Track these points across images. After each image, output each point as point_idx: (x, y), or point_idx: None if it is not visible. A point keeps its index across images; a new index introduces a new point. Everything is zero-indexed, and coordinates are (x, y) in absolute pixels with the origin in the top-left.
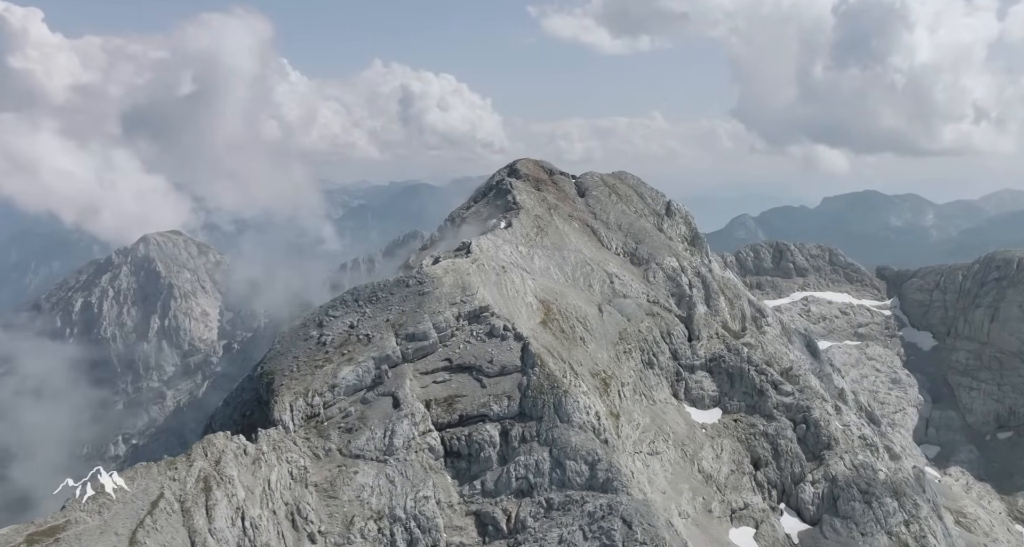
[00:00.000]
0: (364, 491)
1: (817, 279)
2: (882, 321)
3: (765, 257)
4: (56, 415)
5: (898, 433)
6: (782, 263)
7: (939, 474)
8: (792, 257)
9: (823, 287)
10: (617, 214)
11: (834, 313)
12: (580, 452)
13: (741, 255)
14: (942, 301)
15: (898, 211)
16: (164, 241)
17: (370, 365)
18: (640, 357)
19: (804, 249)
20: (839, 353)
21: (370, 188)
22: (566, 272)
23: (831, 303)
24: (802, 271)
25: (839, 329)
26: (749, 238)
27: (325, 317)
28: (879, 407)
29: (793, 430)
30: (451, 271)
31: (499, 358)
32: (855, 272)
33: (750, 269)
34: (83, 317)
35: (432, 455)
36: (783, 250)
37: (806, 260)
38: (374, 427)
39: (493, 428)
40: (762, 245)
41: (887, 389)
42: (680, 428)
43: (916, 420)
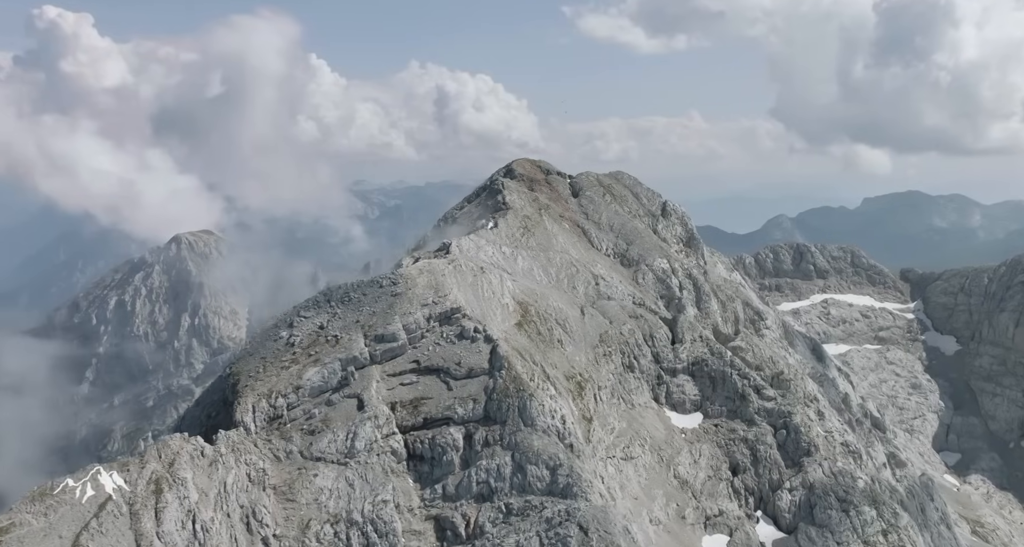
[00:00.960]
0: (322, 494)
1: (838, 281)
2: (904, 325)
3: (785, 258)
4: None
5: (916, 440)
6: (802, 265)
7: (958, 482)
8: (812, 258)
9: (844, 289)
10: (610, 215)
11: (854, 316)
12: (542, 456)
13: (760, 256)
14: (967, 304)
15: (943, 212)
16: (195, 240)
17: (336, 366)
18: (621, 360)
19: (825, 250)
20: (858, 357)
21: (406, 188)
22: (550, 273)
23: (852, 306)
24: (823, 273)
25: (859, 333)
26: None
27: (296, 318)
28: (897, 413)
29: (774, 436)
30: (426, 272)
31: (467, 360)
32: (878, 274)
33: (769, 271)
34: (117, 315)
35: (394, 458)
36: (803, 251)
37: (827, 262)
38: (336, 429)
39: (457, 431)
40: (782, 246)
41: (907, 394)
42: (658, 432)
43: (936, 426)
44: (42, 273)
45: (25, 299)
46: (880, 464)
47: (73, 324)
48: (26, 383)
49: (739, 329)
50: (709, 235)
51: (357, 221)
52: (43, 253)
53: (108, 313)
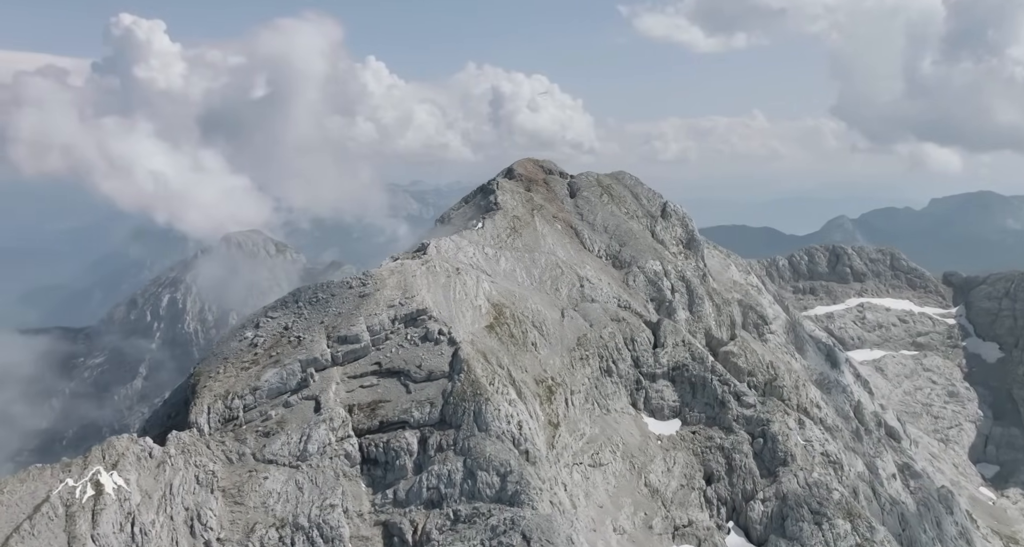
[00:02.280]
0: (271, 498)
1: (876, 285)
2: (944, 330)
3: (820, 261)
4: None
5: (952, 450)
6: (838, 267)
7: (995, 495)
8: (849, 261)
9: (882, 293)
10: (605, 215)
11: (891, 321)
12: (493, 463)
13: (794, 259)
14: (1011, 310)
15: (1017, 213)
16: (244, 239)
17: (296, 368)
18: (598, 364)
19: (863, 253)
20: (892, 363)
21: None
22: (533, 275)
23: (889, 310)
24: (859, 276)
25: (895, 338)
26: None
27: (263, 318)
28: (932, 422)
29: (751, 444)
30: (396, 273)
31: (428, 363)
32: (918, 277)
33: (804, 274)
34: (169, 313)
35: (348, 462)
36: (839, 254)
37: (864, 264)
38: (291, 432)
39: (412, 435)
40: (817, 248)
41: (943, 403)
42: (633, 439)
43: (973, 437)
44: (114, 271)
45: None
46: (889, 475)
47: (130, 321)
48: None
49: (735, 333)
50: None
51: (403, 221)
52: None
53: (161, 310)
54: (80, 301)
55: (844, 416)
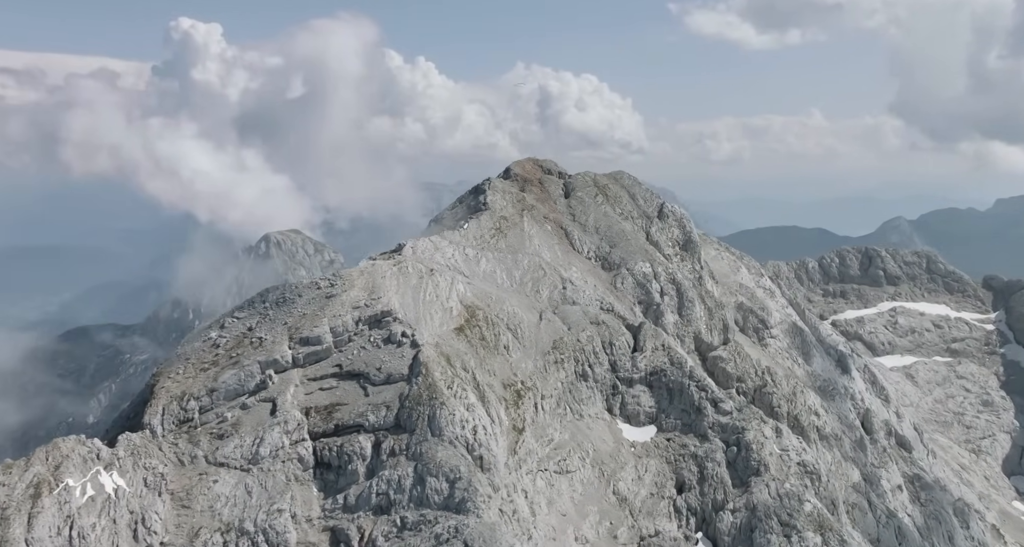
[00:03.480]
0: (218, 501)
1: (911, 288)
2: (982, 336)
3: (852, 263)
4: None
5: (983, 462)
6: (871, 270)
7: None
8: (882, 264)
9: (917, 297)
10: (598, 216)
11: (925, 326)
12: (443, 469)
13: (825, 261)
14: None
15: None
16: (283, 239)
17: (255, 369)
18: (574, 368)
19: (898, 255)
20: (924, 370)
21: None
22: (514, 276)
23: (923, 315)
24: (893, 279)
25: (928, 344)
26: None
27: (229, 319)
28: (963, 432)
29: (724, 452)
30: (365, 273)
31: (388, 365)
32: (956, 281)
33: (834, 276)
34: (208, 311)
35: (300, 466)
36: (872, 256)
37: (899, 267)
38: (245, 434)
39: (366, 439)
40: (848, 250)
41: (976, 412)
42: (605, 446)
43: (1008, 448)
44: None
45: (152, 295)
46: (893, 487)
47: (173, 319)
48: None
49: (728, 337)
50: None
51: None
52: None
53: (202, 308)
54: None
55: (848, 424)
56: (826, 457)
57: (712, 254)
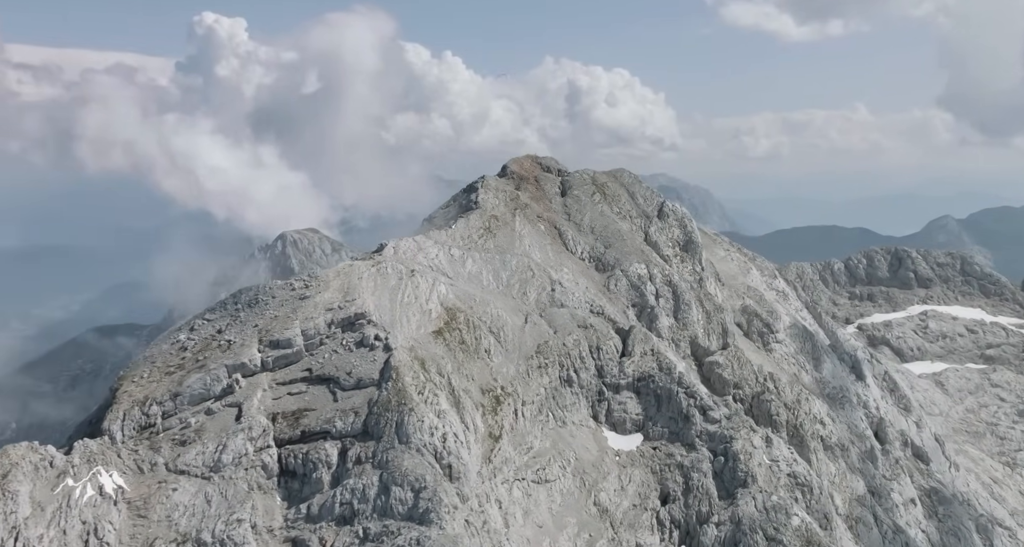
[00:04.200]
0: (177, 511)
1: (943, 291)
2: (1020, 342)
3: (880, 265)
4: None
5: (1018, 475)
6: (900, 272)
7: None
8: (913, 265)
9: (950, 300)
10: (594, 215)
11: (958, 331)
12: (408, 478)
13: (851, 263)
14: None
15: None
16: (300, 238)
17: (221, 373)
18: (558, 373)
19: (930, 256)
20: (955, 377)
21: None
22: (501, 277)
23: (955, 319)
24: (925, 281)
25: (961, 350)
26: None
27: (199, 320)
28: (997, 443)
29: (711, 462)
30: (342, 274)
31: (359, 370)
32: (993, 284)
33: (861, 278)
34: None
35: (264, 473)
36: (902, 257)
37: (931, 269)
38: (208, 441)
39: (332, 447)
40: (877, 250)
41: (1011, 422)
42: (588, 454)
43: None
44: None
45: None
46: (906, 501)
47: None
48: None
49: (727, 342)
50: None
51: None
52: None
53: None
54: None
55: (857, 434)
56: (829, 468)
57: (721, 255)
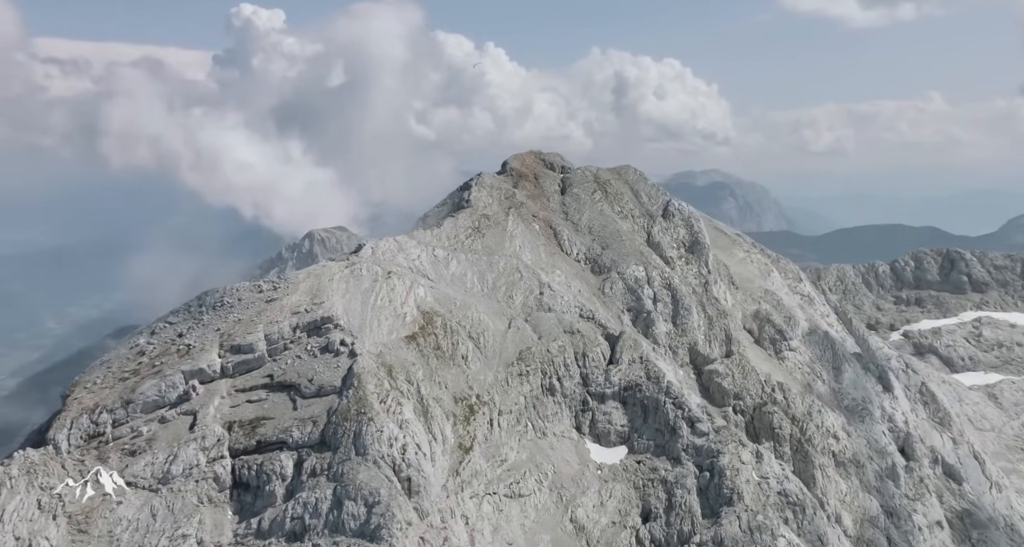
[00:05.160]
0: (119, 525)
1: (1001, 296)
2: None
3: (930, 267)
4: None
5: None
6: (952, 275)
7: None
8: (967, 268)
9: (1008, 306)
10: (593, 215)
11: (1016, 339)
12: (363, 491)
13: (898, 265)
14: None
15: None
16: (328, 236)
17: (177, 379)
18: (540, 381)
19: (986, 259)
20: (1010, 390)
21: None
22: (487, 280)
23: (1013, 327)
24: (980, 286)
25: (1019, 360)
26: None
27: (161, 323)
28: None
29: (696, 478)
30: (312, 275)
31: (321, 377)
32: None
33: (908, 281)
34: None
35: (216, 486)
36: (955, 259)
37: (987, 272)
38: (158, 451)
39: (288, 457)
40: (927, 252)
41: None
42: (568, 467)
43: None
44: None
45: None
46: (931, 523)
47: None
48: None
49: (730, 349)
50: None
51: None
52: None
53: None
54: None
55: (878, 450)
56: (839, 486)
57: (739, 257)
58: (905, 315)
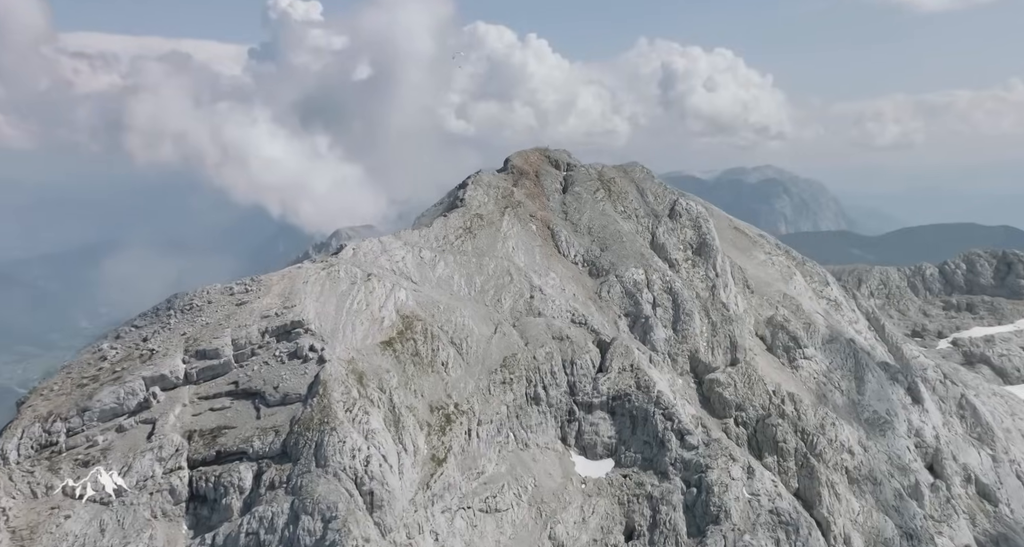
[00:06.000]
0: (65, 541)
1: None
2: None
3: (983, 270)
4: None
5: None
6: (1009, 279)
7: None
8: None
9: None
10: (594, 214)
11: None
12: (320, 506)
13: (947, 268)
14: None
15: None
16: (354, 235)
17: (137, 386)
18: (524, 389)
19: None
20: None
21: None
22: (475, 283)
23: None
24: None
25: None
26: None
27: (127, 327)
28: None
29: (683, 494)
30: (287, 278)
31: (287, 384)
32: None
33: (959, 285)
34: None
35: (171, 499)
36: (1012, 261)
37: None
38: (113, 462)
39: (247, 469)
40: (980, 254)
41: None
42: (550, 481)
43: None
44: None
45: None
46: (959, 546)
47: None
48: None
49: (736, 357)
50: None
51: None
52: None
53: None
54: None
55: (899, 466)
56: (850, 505)
57: (760, 259)
58: (955, 322)
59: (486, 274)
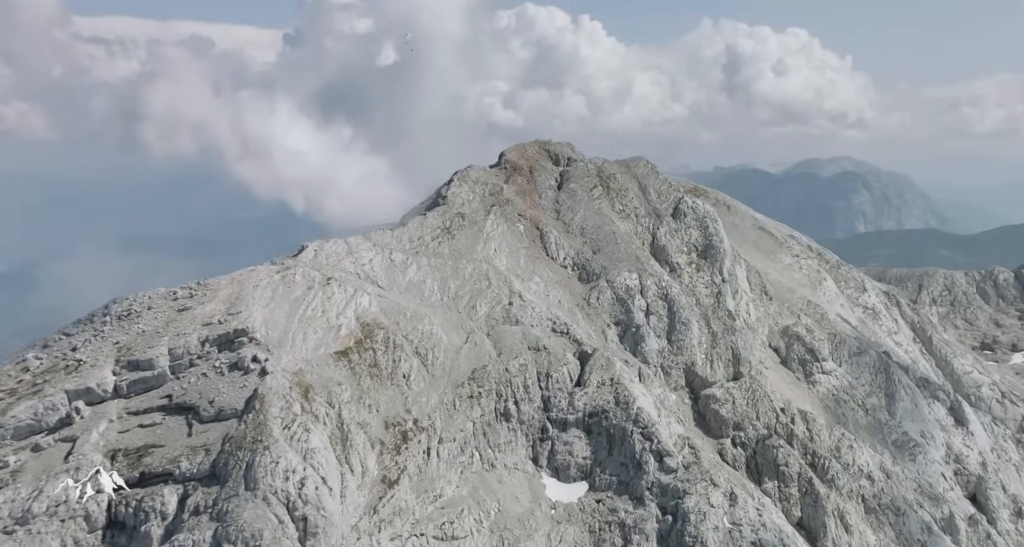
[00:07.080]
0: None
1: None
2: None
3: None
4: None
5: None
6: None
7: None
8: None
9: None
10: (588, 214)
11: None
12: (244, 533)
13: (1022, 274)
14: None
15: None
16: None
17: (58, 400)
18: (494, 405)
19: None
20: None
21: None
22: (449, 288)
23: None
24: None
25: None
26: None
27: (57, 335)
28: None
29: (658, 522)
30: (236, 281)
31: (224, 398)
32: None
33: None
34: None
35: (86, 526)
36: None
37: None
38: (22, 485)
39: (172, 492)
40: None
41: None
42: (517, 506)
43: None
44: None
45: None
46: None
47: None
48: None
49: (739, 371)
50: None
51: None
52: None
53: None
54: None
55: (929, 495)
56: (865, 538)
57: (786, 262)
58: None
59: (462, 278)
